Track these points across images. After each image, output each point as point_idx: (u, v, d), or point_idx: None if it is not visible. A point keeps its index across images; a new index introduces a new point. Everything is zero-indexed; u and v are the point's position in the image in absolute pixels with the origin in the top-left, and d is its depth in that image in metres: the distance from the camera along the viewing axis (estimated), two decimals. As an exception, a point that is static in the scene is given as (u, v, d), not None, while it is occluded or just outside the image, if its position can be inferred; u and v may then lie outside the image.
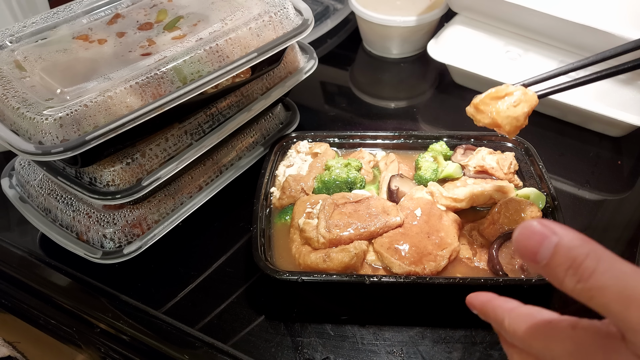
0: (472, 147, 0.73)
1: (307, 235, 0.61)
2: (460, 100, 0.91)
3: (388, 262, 0.60)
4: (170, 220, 0.66)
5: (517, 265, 0.60)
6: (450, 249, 0.60)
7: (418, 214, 0.63)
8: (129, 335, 0.60)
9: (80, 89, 0.55)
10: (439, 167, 0.70)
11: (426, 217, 0.63)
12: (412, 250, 0.60)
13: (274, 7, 0.67)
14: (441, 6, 0.95)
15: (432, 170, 0.69)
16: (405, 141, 0.75)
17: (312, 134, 0.76)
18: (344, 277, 0.58)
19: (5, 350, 0.78)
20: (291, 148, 0.75)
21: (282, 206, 0.68)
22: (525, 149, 0.72)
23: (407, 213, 0.63)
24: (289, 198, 0.68)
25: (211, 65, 0.61)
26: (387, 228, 0.62)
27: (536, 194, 0.65)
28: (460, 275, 0.60)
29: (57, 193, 0.66)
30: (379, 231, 0.62)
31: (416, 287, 0.60)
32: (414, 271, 0.58)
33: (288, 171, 0.71)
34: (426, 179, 0.69)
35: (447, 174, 0.70)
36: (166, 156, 0.63)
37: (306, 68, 0.77)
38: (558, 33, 0.79)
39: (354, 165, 0.69)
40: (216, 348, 0.58)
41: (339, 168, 0.68)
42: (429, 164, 0.70)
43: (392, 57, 1.01)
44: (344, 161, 0.70)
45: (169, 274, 0.66)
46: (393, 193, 0.67)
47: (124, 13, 0.68)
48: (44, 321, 0.67)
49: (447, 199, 0.66)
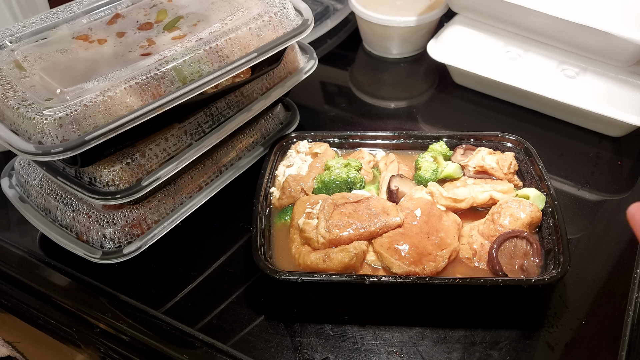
0: (472, 147, 0.73)
1: (306, 236, 0.61)
2: (460, 100, 0.92)
3: (388, 262, 0.60)
4: (170, 220, 0.66)
5: (516, 265, 0.60)
6: (450, 249, 0.60)
7: (418, 214, 0.63)
8: (128, 335, 0.60)
9: (80, 89, 0.55)
10: (438, 167, 0.70)
11: (426, 217, 0.63)
12: (411, 250, 0.60)
13: (274, 7, 0.67)
14: (441, 6, 0.95)
15: (431, 171, 0.69)
16: (405, 141, 0.75)
17: (312, 134, 0.76)
18: (343, 278, 0.58)
19: (5, 350, 0.78)
20: (291, 148, 0.75)
21: (282, 206, 0.68)
22: (525, 149, 0.72)
23: (407, 213, 0.63)
24: (288, 198, 0.68)
25: (211, 65, 0.61)
26: (387, 228, 0.62)
27: (536, 194, 0.65)
28: (460, 276, 0.59)
29: (57, 193, 0.66)
30: (378, 231, 0.62)
31: (416, 287, 0.60)
32: (413, 271, 0.58)
33: (288, 171, 0.71)
34: (426, 179, 0.69)
35: (447, 174, 0.70)
36: (166, 156, 0.63)
37: (306, 68, 0.77)
38: (558, 33, 0.79)
39: (353, 166, 0.69)
40: (216, 348, 0.58)
41: (339, 168, 0.68)
42: (429, 164, 0.70)
43: (392, 57, 1.01)
44: (344, 161, 0.70)
45: (169, 274, 0.66)
46: (393, 193, 0.67)
47: (124, 13, 0.68)
48: (43, 321, 0.67)
49: (447, 199, 0.66)
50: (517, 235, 0.61)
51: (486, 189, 0.67)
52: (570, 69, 0.81)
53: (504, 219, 0.63)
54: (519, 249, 0.61)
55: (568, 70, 0.81)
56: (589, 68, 0.80)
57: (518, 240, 0.61)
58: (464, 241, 0.63)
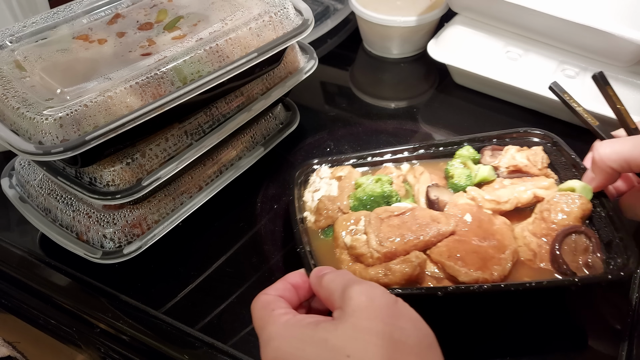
0: (498, 147, 0.70)
1: (358, 252, 0.58)
2: (460, 100, 0.92)
3: (453, 270, 0.56)
4: (170, 220, 0.66)
5: (580, 261, 0.57)
6: (511, 251, 0.57)
7: (468, 219, 0.60)
8: (128, 335, 0.60)
9: (80, 89, 0.55)
10: (471, 172, 0.67)
11: (477, 222, 0.60)
12: (473, 256, 0.56)
13: (274, 7, 0.67)
14: (441, 6, 0.95)
15: (465, 177, 0.66)
16: (426, 151, 0.72)
17: (330, 159, 0.71)
18: (416, 290, 0.54)
19: (5, 350, 0.78)
20: (312, 175, 0.70)
21: (320, 228, 0.64)
22: (552, 142, 0.68)
23: (456, 220, 0.60)
24: (326, 219, 0.64)
25: (211, 65, 0.61)
26: (440, 237, 0.59)
27: (582, 185, 0.61)
28: (528, 279, 0.57)
29: (57, 193, 0.66)
30: (433, 240, 0.58)
31: (494, 294, 0.56)
32: (482, 278, 0.55)
33: (316, 195, 0.68)
34: (462, 185, 0.66)
35: (482, 178, 0.66)
36: (166, 156, 0.63)
37: (306, 68, 0.77)
38: (558, 33, 0.79)
39: (385, 180, 0.66)
40: (216, 348, 0.58)
41: (372, 184, 0.65)
42: (461, 171, 0.66)
43: (392, 57, 1.01)
44: (374, 177, 0.66)
45: (169, 274, 0.66)
46: (434, 203, 0.64)
47: (124, 13, 0.68)
48: (43, 321, 0.67)
49: (490, 202, 0.63)
50: (575, 231, 0.58)
51: (528, 187, 0.64)
52: (570, 69, 0.81)
53: (555, 216, 0.59)
54: (580, 245, 0.58)
55: (568, 70, 0.81)
56: (589, 68, 0.80)
57: (577, 235, 0.58)
58: (520, 242, 0.60)
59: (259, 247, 0.68)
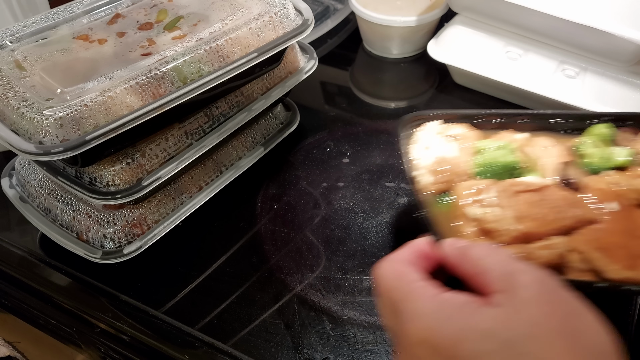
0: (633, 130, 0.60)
1: (490, 227, 0.50)
2: (460, 100, 0.92)
3: (601, 265, 0.48)
4: (170, 220, 0.66)
5: None
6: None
7: (613, 208, 0.52)
8: (129, 335, 0.60)
9: (80, 89, 0.55)
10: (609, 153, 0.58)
11: (625, 212, 0.52)
12: (622, 251, 0.49)
13: (274, 7, 0.67)
14: (441, 6, 0.95)
15: (599, 157, 0.57)
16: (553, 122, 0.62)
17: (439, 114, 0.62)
18: None
19: (5, 350, 0.78)
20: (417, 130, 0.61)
21: (438, 191, 0.55)
22: None
23: (599, 207, 0.52)
24: (445, 183, 0.55)
25: (211, 65, 0.61)
26: (581, 224, 0.51)
27: None
28: None
29: (57, 193, 0.66)
30: (575, 226, 0.51)
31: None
32: (632, 278, 0.48)
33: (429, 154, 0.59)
34: (596, 168, 0.57)
35: (624, 161, 0.57)
36: (166, 156, 0.63)
37: (306, 68, 0.77)
38: (558, 33, 0.79)
39: (510, 149, 0.57)
40: (216, 348, 0.58)
41: (496, 150, 0.57)
42: (597, 151, 0.57)
43: (392, 57, 1.01)
44: (497, 143, 0.58)
45: (169, 274, 0.66)
46: (571, 184, 0.55)
47: (124, 13, 0.68)
48: (44, 321, 0.67)
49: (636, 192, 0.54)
50: None
51: None
52: (570, 69, 0.81)
53: None
54: None
55: (568, 70, 0.81)
56: (589, 68, 0.80)
57: None
58: None
59: (259, 247, 0.68)
